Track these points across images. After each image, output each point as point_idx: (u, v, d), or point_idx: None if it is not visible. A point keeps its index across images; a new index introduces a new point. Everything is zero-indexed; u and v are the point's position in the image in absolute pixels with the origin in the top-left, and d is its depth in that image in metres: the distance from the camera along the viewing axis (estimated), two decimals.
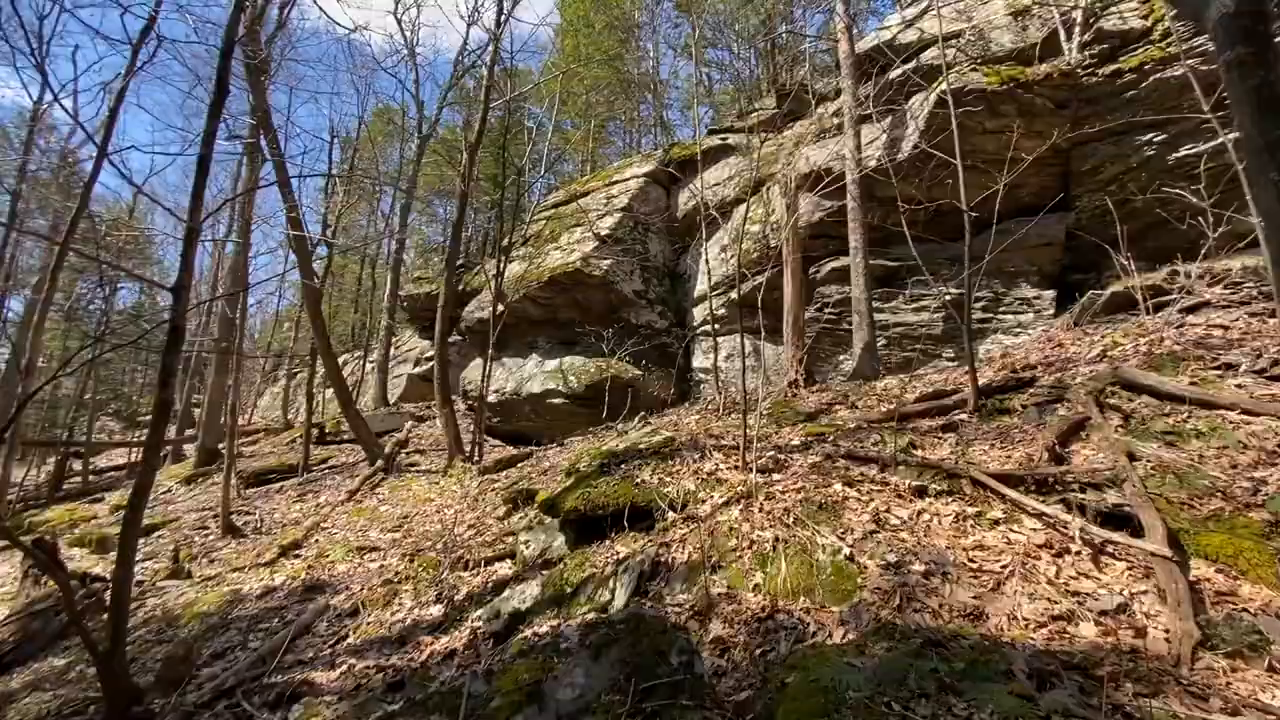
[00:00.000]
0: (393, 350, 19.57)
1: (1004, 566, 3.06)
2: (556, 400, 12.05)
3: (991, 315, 8.30)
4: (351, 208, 20.51)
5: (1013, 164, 5.51)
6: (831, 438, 5.07)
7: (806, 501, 3.88)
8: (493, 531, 6.05)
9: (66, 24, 16.02)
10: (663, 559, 3.86)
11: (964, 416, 5.14)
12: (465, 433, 11.63)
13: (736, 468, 4.66)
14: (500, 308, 11.13)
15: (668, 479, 4.70)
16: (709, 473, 4.66)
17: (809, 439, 5.15)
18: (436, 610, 4.81)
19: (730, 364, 10.44)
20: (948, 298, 6.43)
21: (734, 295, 10.47)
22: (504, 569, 5.17)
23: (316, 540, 7.42)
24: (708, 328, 11.08)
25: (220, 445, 14.74)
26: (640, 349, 11.15)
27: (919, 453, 4.52)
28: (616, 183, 13.67)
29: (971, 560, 3.15)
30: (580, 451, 6.36)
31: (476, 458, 9.93)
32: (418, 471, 10.51)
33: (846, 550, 3.34)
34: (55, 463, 18.90)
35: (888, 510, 3.69)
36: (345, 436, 14.24)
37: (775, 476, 4.37)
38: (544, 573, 4.55)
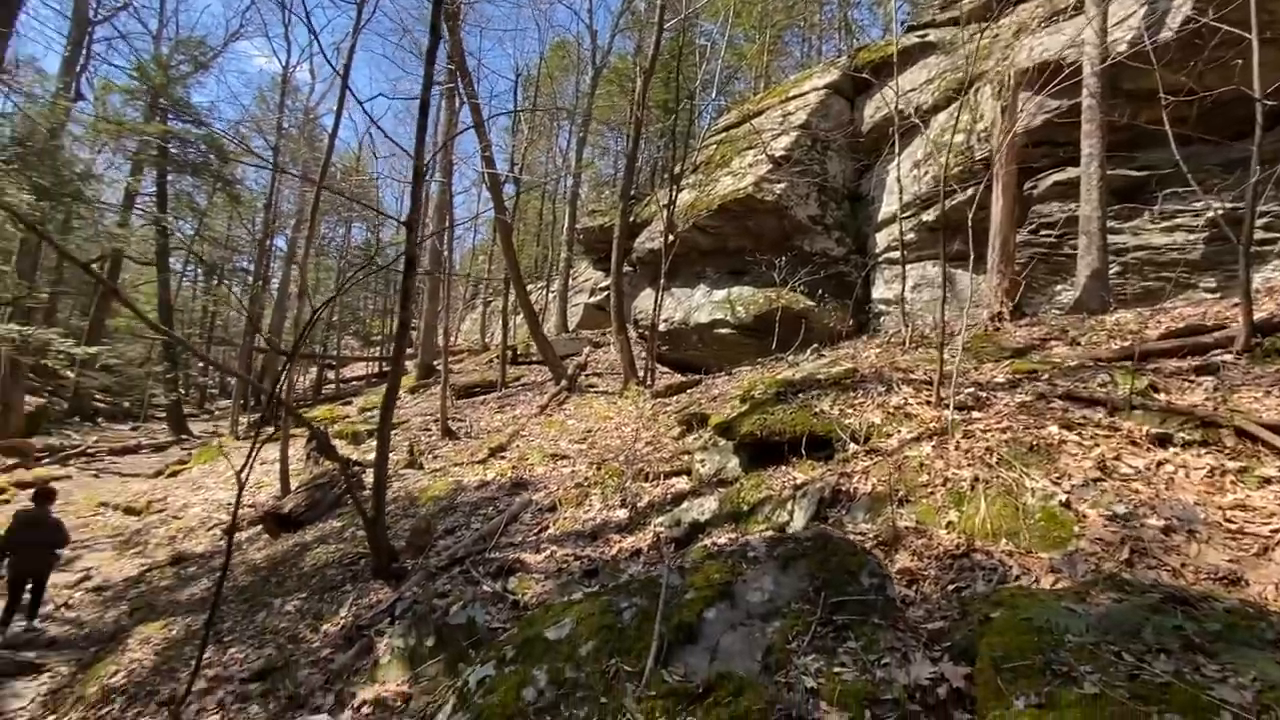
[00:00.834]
0: (570, 281, 20.90)
1: (1275, 530, 2.58)
2: (724, 330, 12.10)
3: (1278, 235, 6.60)
4: (533, 145, 21.71)
5: None
6: (1046, 376, 4.52)
7: (1013, 442, 3.55)
8: (669, 449, 6.42)
9: None
10: (843, 488, 3.84)
11: (1228, 358, 4.27)
12: (637, 359, 12.24)
13: (929, 403, 4.39)
14: (670, 238, 11.26)
15: (849, 410, 4.57)
16: (896, 407, 4.45)
17: (1016, 376, 4.64)
18: (622, 513, 5.31)
19: (918, 295, 9.61)
20: (1219, 213, 5.19)
21: (927, 217, 9.49)
22: (681, 484, 5.51)
23: (517, 445, 8.47)
24: (893, 254, 10.23)
25: (435, 362, 17.17)
26: (814, 278, 10.66)
27: (1161, 396, 3.87)
28: (794, 98, 12.77)
29: (1229, 520, 2.70)
30: (753, 380, 6.41)
31: (649, 382, 10.45)
32: (596, 392, 11.36)
33: (1061, 496, 3.03)
34: (316, 372, 23.47)
35: (1116, 458, 3.26)
36: (534, 358, 15.74)
37: (975, 414, 4.04)
38: (720, 490, 4.77)
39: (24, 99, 13.18)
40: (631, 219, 15.38)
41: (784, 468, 4.54)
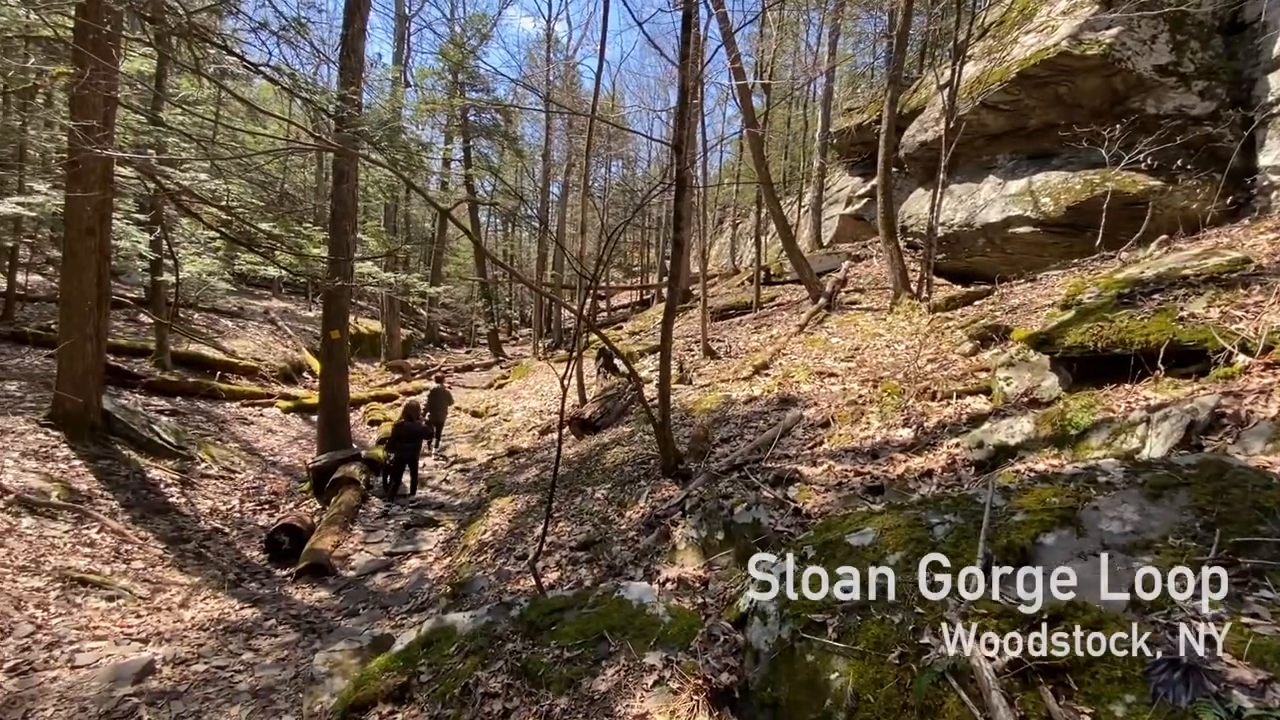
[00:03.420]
0: (823, 192, 19.57)
1: None
2: (1021, 229, 10.17)
3: None
4: (781, 47, 20.24)
5: None
6: None
7: None
8: (958, 367, 5.77)
9: None
10: (1228, 410, 3.00)
11: None
12: (909, 269, 11.09)
13: None
14: (951, 123, 9.64)
15: (1236, 312, 3.51)
16: None
17: None
18: (905, 433, 5.00)
19: None
20: None
21: None
22: (977, 404, 4.94)
23: (779, 364, 8.49)
24: None
25: (691, 287, 17.94)
26: (1161, 149, 8.19)
27: None
28: None
29: None
30: (1079, 282, 5.30)
31: (924, 295, 9.43)
32: (859, 309, 10.69)
33: None
34: (591, 301, 26.41)
35: None
36: (787, 277, 15.40)
37: None
38: (1033, 411, 4.14)
39: (373, 92, 16.87)
40: (896, 110, 13.52)
41: (1126, 385, 3.74)
